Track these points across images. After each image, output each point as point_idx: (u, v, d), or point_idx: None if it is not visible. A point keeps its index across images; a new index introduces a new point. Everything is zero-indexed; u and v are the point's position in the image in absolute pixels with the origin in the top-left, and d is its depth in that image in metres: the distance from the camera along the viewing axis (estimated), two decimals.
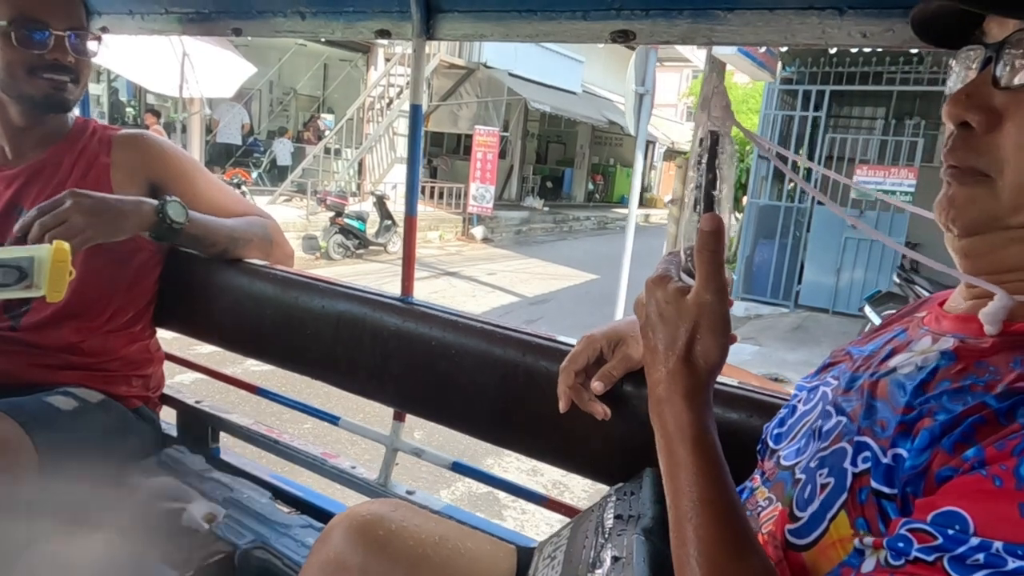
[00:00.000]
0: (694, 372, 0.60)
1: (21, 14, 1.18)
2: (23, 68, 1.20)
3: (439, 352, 1.23)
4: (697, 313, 0.60)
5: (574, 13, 1.09)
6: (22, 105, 1.26)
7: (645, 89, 5.28)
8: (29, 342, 1.29)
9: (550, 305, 8.50)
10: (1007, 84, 0.51)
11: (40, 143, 1.31)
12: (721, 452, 0.60)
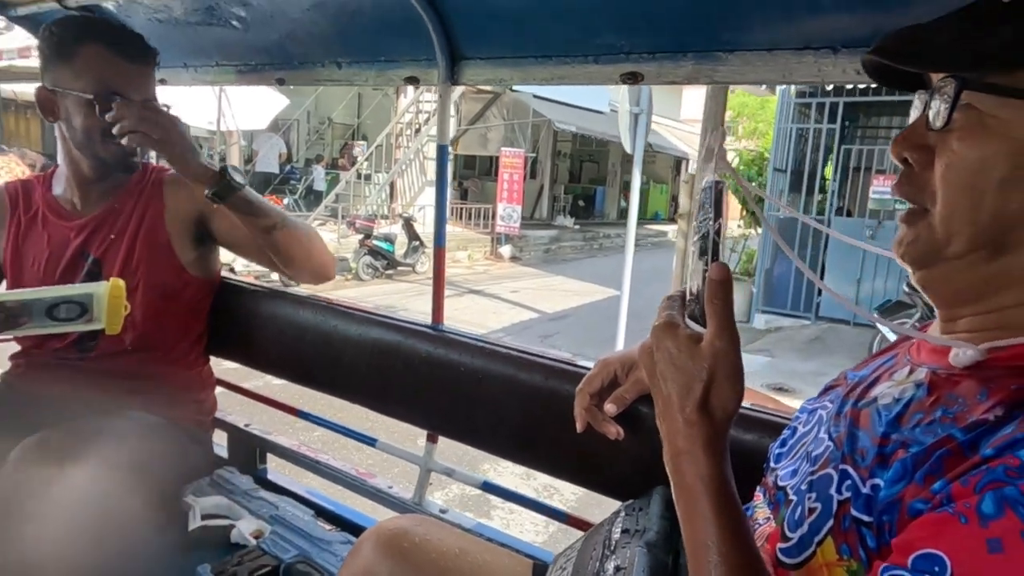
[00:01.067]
0: (712, 422, 0.60)
1: (105, 88, 1.30)
2: (100, 133, 1.32)
3: (467, 377, 1.31)
4: (712, 362, 0.59)
5: (586, 57, 1.18)
6: (95, 163, 1.39)
7: (640, 109, 5.37)
8: (97, 370, 1.41)
9: (568, 321, 8.54)
10: (932, 126, 0.56)
11: (105, 194, 1.44)
12: (739, 501, 0.60)
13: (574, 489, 3.35)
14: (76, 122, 1.33)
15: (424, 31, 1.26)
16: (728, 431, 0.61)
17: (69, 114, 1.34)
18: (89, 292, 1.16)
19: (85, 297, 1.16)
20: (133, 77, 1.33)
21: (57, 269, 1.40)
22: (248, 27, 1.50)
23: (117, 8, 1.62)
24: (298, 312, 1.51)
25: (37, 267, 1.42)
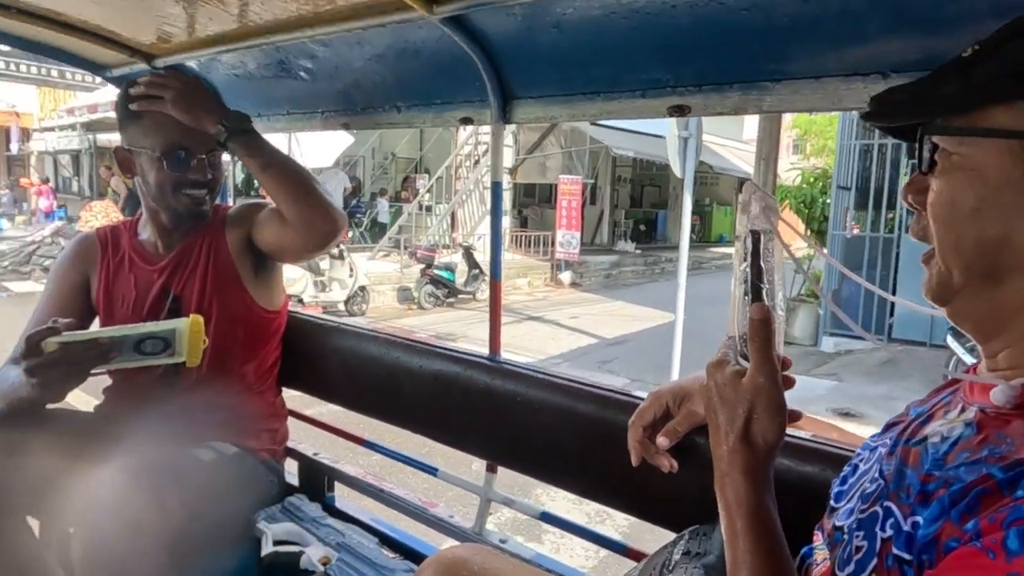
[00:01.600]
0: (753, 450, 0.66)
1: (171, 144, 1.43)
2: (170, 186, 1.45)
3: (524, 407, 1.33)
4: (753, 395, 0.66)
5: (633, 92, 1.20)
6: (170, 214, 1.51)
7: (689, 133, 5.34)
8: (179, 403, 1.50)
9: (627, 346, 8.46)
10: (922, 171, 0.61)
11: (183, 236, 1.55)
12: (778, 524, 0.64)
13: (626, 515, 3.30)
14: (150, 178, 1.46)
15: (477, 74, 1.32)
16: (770, 459, 0.66)
17: (143, 170, 1.47)
18: (172, 328, 1.25)
19: (168, 333, 1.25)
20: (196, 131, 1.44)
21: (144, 308, 1.52)
22: (315, 78, 1.60)
23: (199, 65, 1.77)
24: (362, 345, 1.57)
25: (126, 307, 1.54)
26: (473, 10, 1.15)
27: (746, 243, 0.69)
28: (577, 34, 1.15)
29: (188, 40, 1.63)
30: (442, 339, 8.08)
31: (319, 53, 1.50)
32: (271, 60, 1.60)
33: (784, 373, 0.76)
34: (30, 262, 10.70)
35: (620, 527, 3.35)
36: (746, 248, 0.69)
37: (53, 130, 16.81)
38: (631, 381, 6.81)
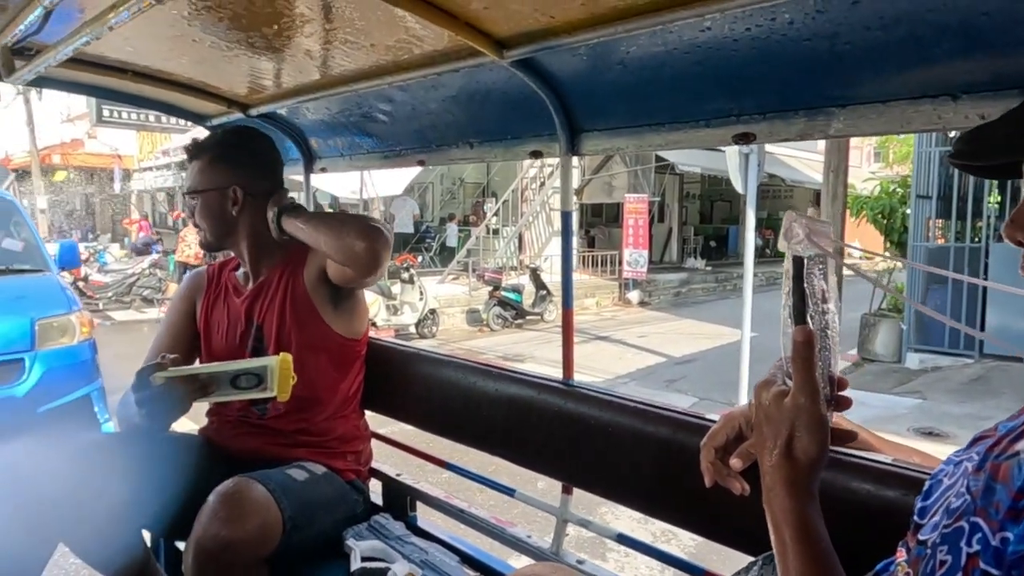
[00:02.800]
0: (795, 466, 0.69)
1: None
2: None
3: (598, 430, 1.37)
4: (794, 414, 0.69)
5: (698, 122, 1.24)
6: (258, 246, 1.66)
7: (750, 149, 5.24)
8: (270, 427, 1.62)
9: (695, 364, 8.28)
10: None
11: (265, 267, 1.68)
12: (824, 535, 0.67)
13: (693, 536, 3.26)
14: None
15: (545, 110, 1.39)
16: (812, 474, 0.70)
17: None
18: (264, 365, 1.36)
19: (261, 369, 1.36)
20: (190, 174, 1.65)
21: (235, 337, 1.65)
22: (393, 119, 1.71)
23: (288, 112, 1.92)
24: (440, 370, 1.65)
25: (220, 334, 1.68)
26: (541, 53, 1.22)
27: (788, 268, 0.72)
28: (641, 69, 1.20)
29: (279, 91, 1.77)
30: (511, 360, 8.15)
31: (397, 97, 1.61)
32: (353, 105, 1.73)
33: (840, 393, 0.78)
34: (130, 292, 11.52)
35: (686, 547, 3.34)
36: (788, 273, 0.72)
37: (151, 170, 18.16)
38: (699, 400, 6.68)
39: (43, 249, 4.68)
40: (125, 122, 13.13)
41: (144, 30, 1.19)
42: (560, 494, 1.51)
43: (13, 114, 17.67)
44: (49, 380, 3.67)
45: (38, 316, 3.76)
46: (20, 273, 4.30)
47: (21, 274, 4.30)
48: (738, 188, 5.57)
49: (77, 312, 4.00)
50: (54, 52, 1.31)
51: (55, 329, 3.84)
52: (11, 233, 4.55)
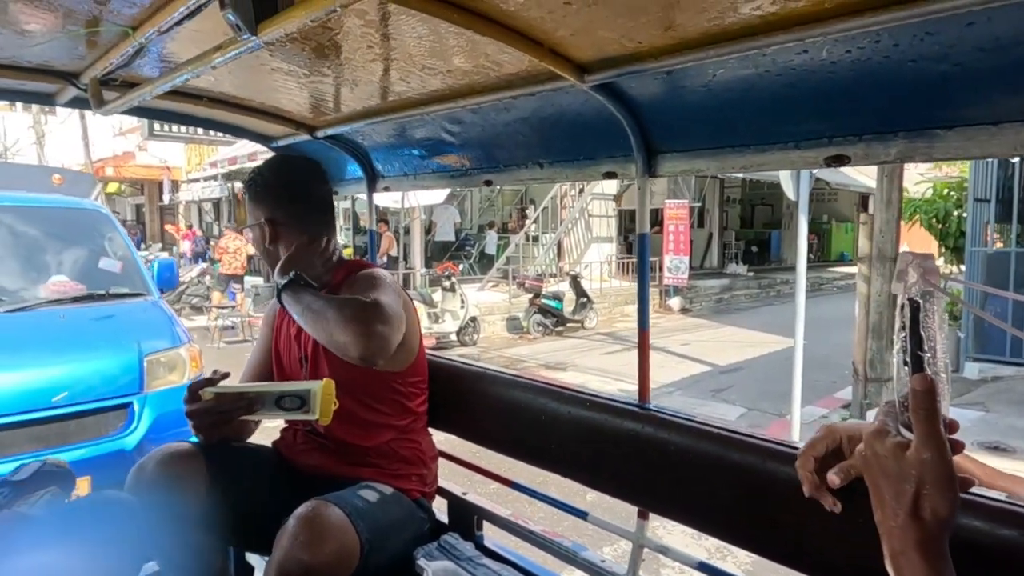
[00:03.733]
0: (924, 527, 0.63)
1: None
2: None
3: (676, 455, 1.34)
4: (919, 470, 0.64)
5: (786, 144, 1.20)
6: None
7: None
8: (336, 448, 1.63)
9: (742, 373, 8.11)
10: None
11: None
12: None
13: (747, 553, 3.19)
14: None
15: (621, 131, 1.37)
16: (944, 534, 0.64)
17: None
18: (307, 388, 1.40)
19: (304, 392, 1.41)
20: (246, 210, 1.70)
21: (294, 359, 1.68)
22: (461, 140, 1.72)
23: (351, 132, 1.94)
24: (509, 391, 1.64)
25: (287, 360, 1.71)
26: (623, 77, 1.21)
27: (904, 313, 0.67)
28: (727, 92, 1.18)
29: (346, 113, 1.80)
30: (553, 368, 8.10)
31: (466, 119, 1.61)
32: (421, 126, 1.74)
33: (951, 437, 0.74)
34: (180, 301, 11.85)
35: (742, 564, 3.31)
36: (904, 318, 0.68)
37: (198, 181, 18.69)
38: (747, 410, 6.55)
39: (143, 269, 4.12)
40: (174, 135, 13.55)
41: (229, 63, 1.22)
42: (636, 519, 1.48)
43: (69, 129, 18.40)
44: (160, 427, 3.13)
45: (146, 352, 3.27)
46: (120, 298, 3.76)
47: (121, 299, 3.76)
48: (789, 194, 5.44)
49: (187, 345, 3.47)
50: (150, 87, 1.35)
51: (163, 366, 3.32)
52: (106, 251, 4.00)
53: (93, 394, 3.03)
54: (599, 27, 1.07)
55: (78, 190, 4.95)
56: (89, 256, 3.89)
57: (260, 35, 0.91)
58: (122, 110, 1.55)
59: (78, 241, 3.95)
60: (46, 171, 5.69)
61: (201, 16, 1.07)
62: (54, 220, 4.01)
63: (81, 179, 5.74)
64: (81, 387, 3.00)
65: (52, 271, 3.68)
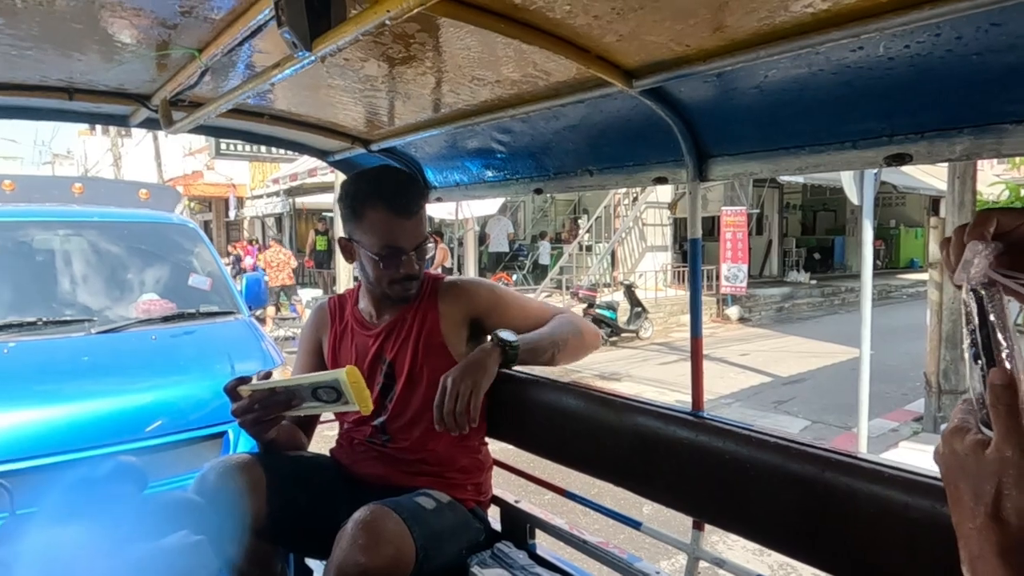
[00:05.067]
0: (1006, 530, 0.59)
1: (387, 244, 1.58)
2: (385, 280, 1.62)
3: (733, 465, 1.31)
4: (999, 468, 0.60)
5: (843, 144, 1.17)
6: (382, 296, 1.69)
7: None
8: (394, 455, 1.67)
9: (805, 385, 7.82)
10: None
11: (393, 306, 1.71)
12: None
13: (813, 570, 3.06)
14: (368, 269, 1.64)
15: (671, 136, 1.36)
16: None
17: (362, 261, 1.65)
18: (335, 377, 1.38)
19: (333, 381, 1.38)
20: (409, 230, 1.59)
21: (363, 371, 1.69)
22: (511, 149, 1.73)
23: (404, 145, 1.99)
24: (562, 399, 1.64)
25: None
26: (671, 81, 1.20)
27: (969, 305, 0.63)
28: (780, 92, 1.15)
29: (399, 126, 1.84)
30: (607, 379, 8.01)
31: (516, 128, 1.63)
32: (471, 137, 1.77)
33: None
34: None
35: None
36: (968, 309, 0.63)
37: (261, 197, 19.45)
38: (811, 423, 6.32)
39: (232, 286, 3.97)
40: (239, 154, 14.16)
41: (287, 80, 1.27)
42: (691, 530, 1.45)
43: (143, 150, 19.47)
44: None
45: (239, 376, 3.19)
46: (210, 317, 3.64)
47: (211, 318, 3.63)
48: (852, 199, 5.23)
49: (280, 367, 3.28)
50: (215, 106, 1.42)
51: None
52: (195, 267, 3.90)
53: (187, 422, 2.87)
54: (646, 32, 1.07)
55: (163, 204, 4.87)
56: (178, 272, 3.79)
57: (315, 50, 0.95)
58: (189, 129, 1.63)
59: (167, 257, 3.85)
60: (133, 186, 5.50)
61: (260, 36, 1.13)
62: (143, 235, 3.94)
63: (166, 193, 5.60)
64: (175, 415, 2.84)
65: (142, 289, 3.58)
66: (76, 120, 1.79)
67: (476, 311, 1.70)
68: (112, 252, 3.71)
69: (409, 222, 1.59)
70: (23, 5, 1.05)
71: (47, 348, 3.05)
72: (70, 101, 1.56)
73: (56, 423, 2.60)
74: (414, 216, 1.60)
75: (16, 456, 2.45)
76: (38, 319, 3.17)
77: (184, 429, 2.86)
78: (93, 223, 3.84)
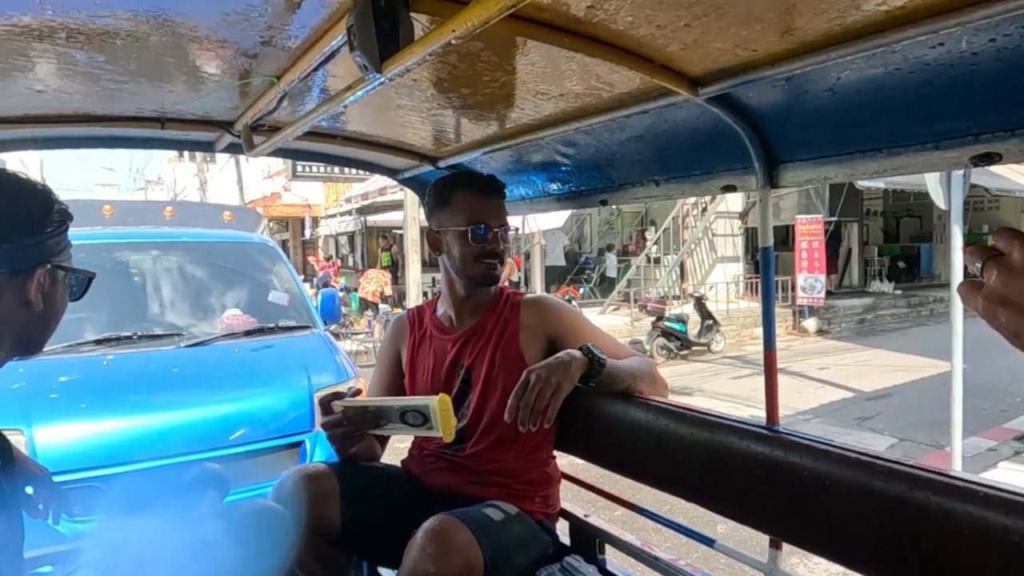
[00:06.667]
0: None
1: (474, 219, 1.65)
2: (472, 256, 1.67)
3: (812, 481, 1.25)
4: None
5: (924, 145, 1.11)
6: (466, 282, 1.72)
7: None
8: (466, 465, 1.68)
9: (891, 400, 7.40)
10: None
11: (473, 311, 1.76)
12: None
13: None
14: (455, 251, 1.68)
15: (739, 143, 1.33)
16: None
17: (449, 246, 1.70)
18: (425, 403, 1.42)
19: (423, 407, 1.43)
20: (493, 209, 1.68)
21: (440, 376, 1.73)
22: (575, 162, 1.74)
23: (471, 162, 2.03)
24: (630, 411, 1.62)
25: (425, 374, 1.77)
26: (738, 87, 1.18)
27: None
28: (854, 94, 1.11)
29: (465, 143, 1.88)
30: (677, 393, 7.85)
31: (580, 141, 1.63)
32: (536, 151, 1.78)
33: None
34: None
35: None
36: None
37: (335, 216, 20.19)
38: (898, 441, 5.97)
39: (308, 302, 4.15)
40: (314, 175, 14.80)
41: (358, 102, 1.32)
42: (768, 548, 1.40)
43: (226, 174, 20.60)
44: None
45: (316, 387, 3.25)
46: (288, 331, 3.80)
47: (289, 332, 3.79)
48: (939, 203, 4.94)
49: (353, 380, 3.41)
50: (292, 129, 1.49)
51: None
52: (274, 284, 4.07)
53: (267, 432, 3.04)
54: (711, 39, 1.06)
55: (246, 225, 5.22)
56: (259, 289, 3.99)
57: (384, 72, 0.98)
58: (268, 152, 1.72)
59: (248, 274, 4.09)
60: (218, 208, 5.93)
61: (333, 61, 1.18)
62: (227, 254, 4.22)
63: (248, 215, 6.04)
64: (256, 425, 3.01)
65: (226, 305, 3.79)
66: (167, 147, 1.93)
67: (556, 330, 1.71)
68: (199, 270, 3.96)
69: (492, 201, 1.69)
70: (122, 43, 1.14)
71: (141, 361, 3.28)
72: (162, 130, 1.67)
73: (148, 431, 2.80)
74: (497, 197, 1.70)
75: (112, 461, 2.64)
76: (133, 333, 3.41)
77: (264, 438, 3.03)
78: (182, 243, 4.13)
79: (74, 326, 3.28)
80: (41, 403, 2.81)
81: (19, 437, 2.60)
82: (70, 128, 1.64)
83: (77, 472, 2.56)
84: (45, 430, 2.68)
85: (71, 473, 2.53)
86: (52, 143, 1.75)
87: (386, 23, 0.95)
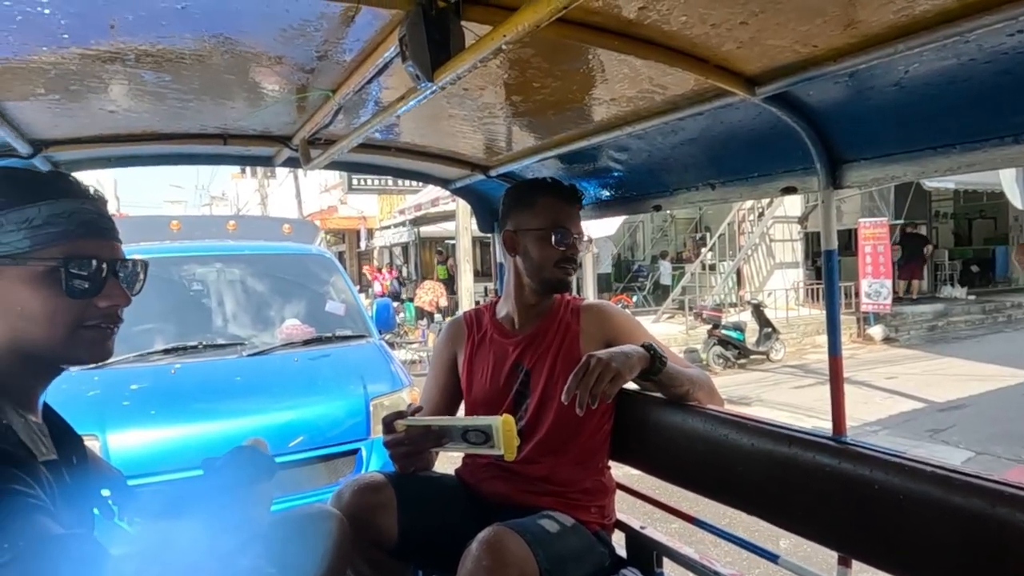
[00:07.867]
0: None
1: (554, 223, 1.65)
2: (552, 260, 1.67)
3: (883, 496, 1.19)
4: None
5: (1002, 139, 1.05)
6: (538, 287, 1.72)
7: None
8: (521, 474, 1.67)
9: (966, 411, 6.97)
10: None
11: (536, 316, 1.75)
12: None
13: None
14: (534, 253, 1.68)
15: (799, 143, 1.29)
16: None
17: (528, 248, 1.69)
18: (489, 423, 1.41)
19: (486, 427, 1.42)
20: (572, 216, 1.69)
21: (500, 378, 1.72)
22: (627, 167, 1.72)
23: (522, 169, 2.02)
24: (688, 420, 1.58)
25: (484, 377, 1.77)
26: (798, 85, 1.14)
27: None
28: (922, 88, 1.06)
29: (516, 152, 1.89)
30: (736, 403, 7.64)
31: (632, 145, 1.61)
32: (587, 157, 1.77)
33: None
34: None
35: None
36: None
37: (389, 228, 20.59)
38: (975, 454, 5.64)
39: (364, 312, 4.23)
40: (369, 188, 15.13)
41: (410, 113, 1.34)
42: (836, 566, 1.34)
43: (285, 189, 21.29)
44: None
45: (371, 395, 3.31)
46: (345, 340, 3.88)
47: (346, 341, 3.88)
48: (1015, 203, 4.69)
49: (408, 388, 3.47)
50: (347, 141, 1.52)
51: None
52: (331, 294, 4.16)
53: (325, 439, 3.10)
54: (769, 36, 1.03)
55: (304, 237, 5.38)
56: (316, 299, 4.09)
57: (436, 80, 0.99)
58: (325, 165, 1.76)
59: (307, 285, 4.19)
60: (277, 222, 6.15)
61: (386, 73, 1.20)
62: (286, 266, 4.35)
63: (306, 228, 6.22)
64: (314, 432, 3.06)
65: (285, 315, 3.90)
66: (229, 163, 2.00)
67: (615, 336, 1.68)
68: (260, 282, 4.10)
69: (573, 209, 1.70)
70: (186, 63, 1.19)
71: (206, 369, 3.41)
72: (224, 146, 1.74)
73: (212, 438, 2.89)
74: (577, 206, 1.71)
75: (179, 467, 2.73)
76: (199, 343, 3.55)
77: (322, 446, 3.09)
78: (244, 256, 4.29)
79: (144, 336, 3.44)
80: (114, 410, 2.95)
81: (94, 442, 2.73)
82: (139, 147, 1.71)
83: (146, 477, 2.67)
84: (118, 436, 2.81)
85: (140, 478, 2.62)
86: (123, 161, 1.84)
87: (437, 32, 0.95)
